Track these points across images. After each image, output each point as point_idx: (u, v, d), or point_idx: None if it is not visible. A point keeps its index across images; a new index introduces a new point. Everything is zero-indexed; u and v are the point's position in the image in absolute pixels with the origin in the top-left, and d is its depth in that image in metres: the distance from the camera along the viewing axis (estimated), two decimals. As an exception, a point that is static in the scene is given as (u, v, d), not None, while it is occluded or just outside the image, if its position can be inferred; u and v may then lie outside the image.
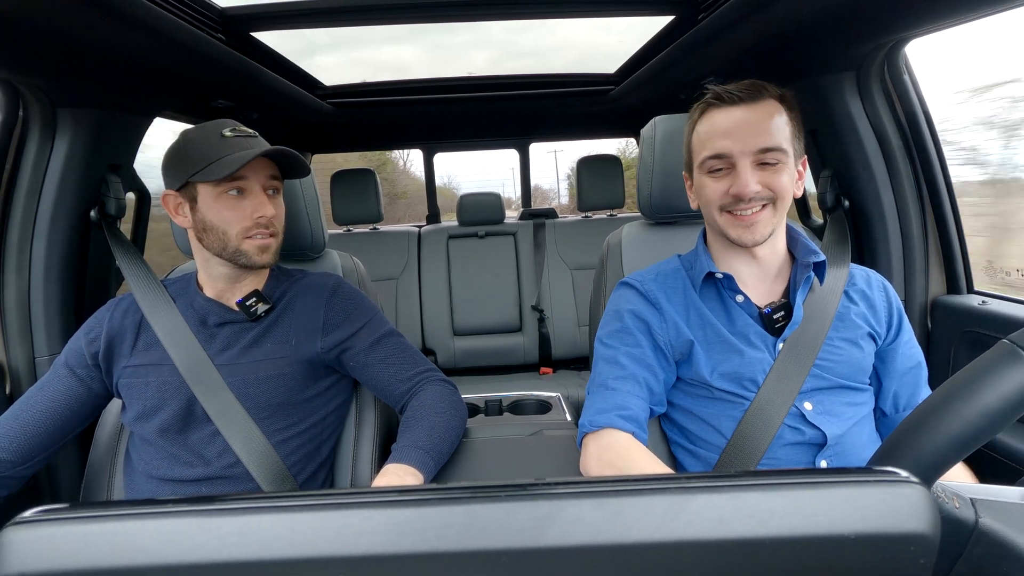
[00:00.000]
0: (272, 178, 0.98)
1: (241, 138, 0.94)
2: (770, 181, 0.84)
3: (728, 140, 0.85)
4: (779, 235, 0.93)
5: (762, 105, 0.86)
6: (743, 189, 0.84)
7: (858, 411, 0.89)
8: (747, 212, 0.85)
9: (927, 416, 0.41)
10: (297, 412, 1.00)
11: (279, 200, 1.01)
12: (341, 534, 0.30)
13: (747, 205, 0.85)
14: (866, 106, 1.39)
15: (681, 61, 1.70)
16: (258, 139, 0.97)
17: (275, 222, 0.98)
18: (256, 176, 0.95)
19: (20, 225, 1.22)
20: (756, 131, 0.84)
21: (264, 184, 0.97)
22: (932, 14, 1.09)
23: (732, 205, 0.86)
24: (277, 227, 0.99)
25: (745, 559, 0.30)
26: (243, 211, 0.95)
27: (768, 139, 0.84)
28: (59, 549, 0.29)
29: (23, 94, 1.17)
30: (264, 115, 2.02)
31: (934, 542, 0.30)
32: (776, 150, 0.84)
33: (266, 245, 0.97)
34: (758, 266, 0.93)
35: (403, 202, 12.66)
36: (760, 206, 0.85)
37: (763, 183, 0.84)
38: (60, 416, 0.96)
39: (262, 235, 0.96)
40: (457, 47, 1.92)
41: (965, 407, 0.40)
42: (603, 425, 0.86)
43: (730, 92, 0.86)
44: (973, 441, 0.40)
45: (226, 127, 0.95)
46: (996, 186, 2.05)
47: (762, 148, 0.84)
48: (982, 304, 1.27)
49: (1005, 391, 0.39)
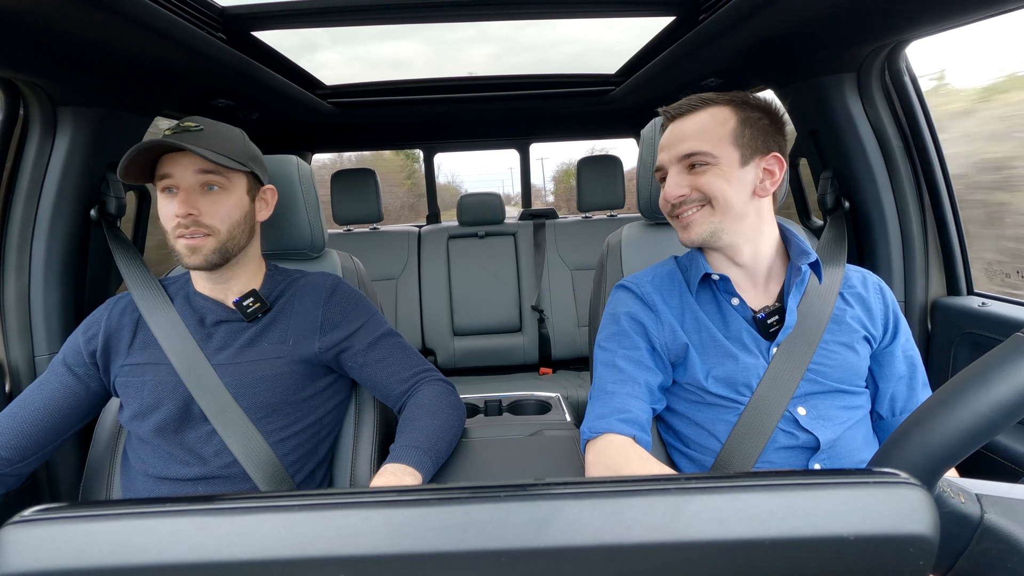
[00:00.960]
0: (205, 172, 0.92)
1: (177, 133, 0.90)
2: (697, 183, 0.89)
3: (662, 152, 0.94)
4: (760, 238, 0.92)
5: (700, 114, 0.90)
6: (666, 192, 0.92)
7: (853, 415, 0.89)
8: (684, 214, 0.91)
9: (937, 408, 0.41)
10: (295, 412, 1.00)
11: (218, 196, 0.94)
12: (339, 534, 0.30)
13: (681, 208, 0.91)
14: (866, 107, 1.39)
15: (682, 62, 1.70)
16: (196, 134, 0.91)
17: (205, 220, 0.92)
18: (183, 174, 0.91)
19: (20, 224, 1.22)
20: (681, 139, 0.90)
21: (193, 181, 0.92)
22: (933, 16, 1.09)
23: (672, 210, 0.93)
24: (210, 225, 0.92)
25: (744, 560, 0.30)
26: (171, 210, 0.92)
27: (690, 145, 0.89)
28: (58, 548, 0.29)
29: (23, 92, 1.17)
30: (264, 114, 2.03)
31: (933, 544, 0.30)
32: (699, 154, 0.88)
33: (194, 246, 0.92)
34: (745, 269, 0.93)
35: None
36: (695, 207, 0.90)
37: (691, 185, 0.89)
38: (58, 414, 0.96)
39: (188, 235, 0.92)
40: (458, 43, 1.92)
41: (977, 399, 0.39)
42: (603, 431, 0.86)
43: (668, 110, 0.94)
44: (983, 434, 0.39)
45: (170, 127, 0.92)
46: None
47: (683, 154, 0.89)
48: (982, 306, 1.27)
49: (1018, 383, 0.39)
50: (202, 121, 0.94)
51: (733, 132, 0.87)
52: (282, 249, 1.19)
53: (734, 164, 0.87)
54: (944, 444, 0.39)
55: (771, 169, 0.89)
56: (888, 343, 0.93)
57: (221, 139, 0.94)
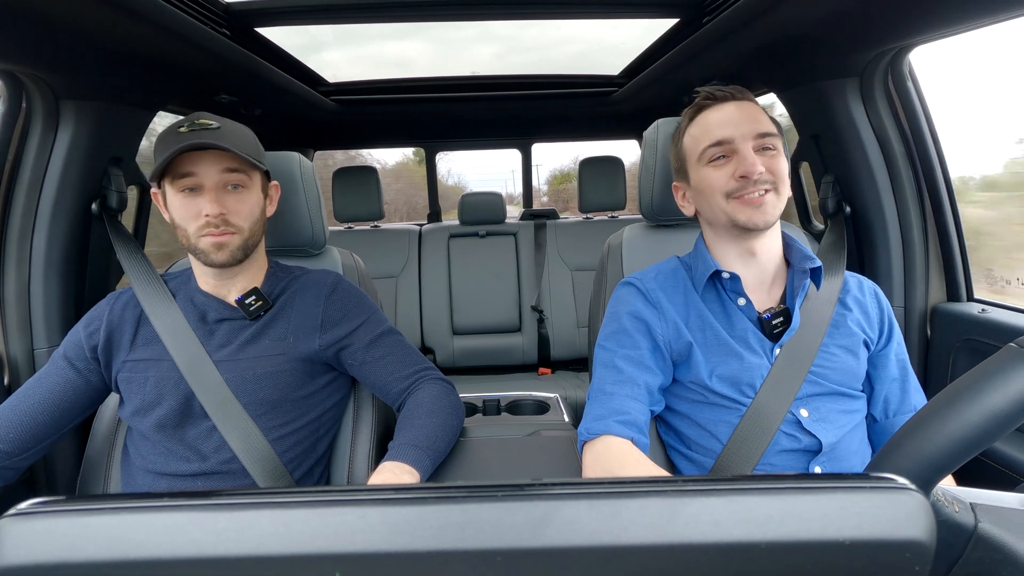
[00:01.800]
0: (230, 171, 0.93)
1: (196, 131, 0.90)
2: (771, 165, 0.87)
3: (729, 128, 0.88)
4: (777, 236, 0.94)
5: (751, 102, 0.91)
6: (751, 167, 0.85)
7: (852, 418, 0.90)
8: (755, 194, 0.86)
9: (931, 417, 0.41)
10: (294, 409, 1.00)
11: (242, 195, 0.95)
12: (337, 531, 0.30)
13: (754, 188, 0.86)
14: (869, 112, 1.39)
15: (685, 64, 1.70)
16: (216, 132, 0.92)
17: (232, 219, 0.93)
18: (207, 172, 0.91)
19: (21, 217, 1.22)
20: (752, 119, 0.88)
21: (218, 180, 0.92)
22: (936, 21, 1.09)
23: (740, 189, 0.87)
24: (237, 224, 0.94)
25: (740, 563, 0.30)
26: (196, 209, 0.92)
27: (765, 125, 0.88)
28: (54, 541, 0.29)
29: (26, 85, 1.17)
30: (267, 111, 2.03)
31: (929, 549, 0.30)
32: (772, 135, 0.88)
33: (221, 243, 0.93)
34: (758, 266, 0.93)
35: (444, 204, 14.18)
36: (764, 190, 0.87)
37: (765, 166, 0.86)
38: (57, 408, 0.96)
39: (214, 233, 0.92)
40: (461, 42, 1.92)
41: (970, 409, 0.39)
42: (600, 432, 0.85)
43: (721, 90, 0.92)
44: (977, 444, 0.40)
45: (185, 123, 0.92)
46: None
47: (761, 132, 0.87)
48: (982, 312, 1.27)
49: (1012, 393, 0.39)
50: (215, 118, 0.94)
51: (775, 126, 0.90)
52: (283, 246, 1.19)
53: (784, 156, 0.90)
54: (938, 453, 0.39)
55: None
56: (883, 346, 0.94)
57: (238, 136, 0.95)
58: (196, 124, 0.91)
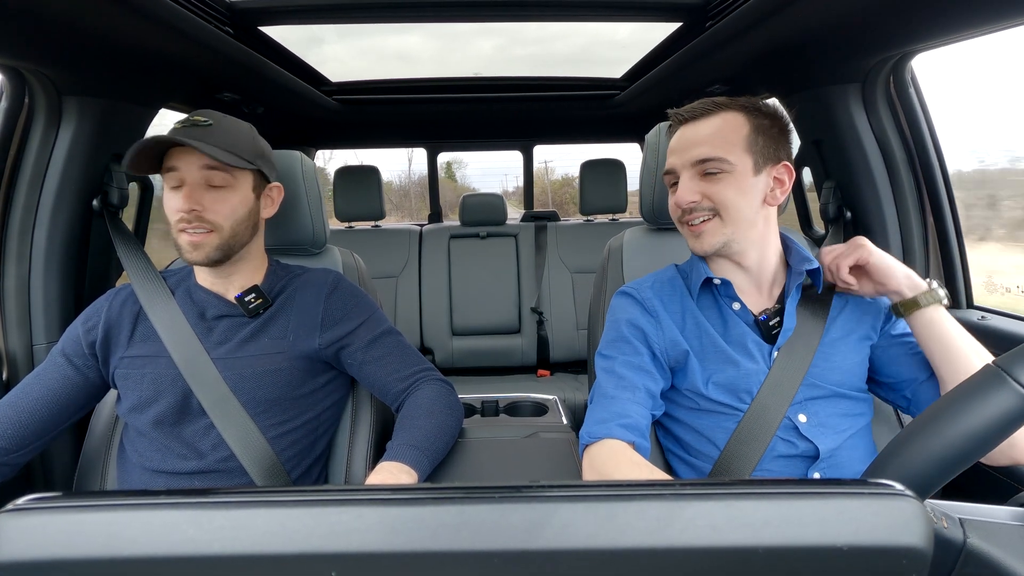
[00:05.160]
0: (210, 169, 0.91)
1: (186, 128, 0.90)
2: (710, 191, 0.87)
3: (673, 156, 0.91)
4: (767, 244, 0.92)
5: (712, 119, 0.89)
6: (679, 198, 0.89)
7: (854, 423, 0.89)
8: (695, 222, 0.89)
9: (915, 436, 0.41)
10: (293, 408, 0.99)
11: (223, 194, 0.93)
12: (333, 530, 0.30)
13: (692, 216, 0.89)
14: (871, 118, 1.39)
15: (687, 68, 1.70)
16: (205, 129, 0.90)
17: (208, 216, 0.91)
18: (188, 168, 0.90)
19: (22, 213, 1.22)
20: (695, 144, 0.88)
21: (198, 176, 0.91)
22: (939, 28, 1.09)
23: (683, 216, 0.91)
24: (213, 221, 0.92)
25: (737, 567, 0.30)
26: (175, 204, 0.91)
27: (705, 151, 0.87)
28: (50, 537, 0.29)
29: (29, 81, 1.17)
30: (269, 109, 2.03)
31: (927, 555, 0.30)
32: (714, 160, 0.86)
33: (196, 242, 0.91)
34: (749, 272, 0.93)
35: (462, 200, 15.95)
36: (706, 216, 0.88)
37: (703, 193, 0.87)
38: (55, 404, 0.95)
39: (190, 231, 0.91)
40: (463, 36, 1.93)
41: (949, 429, 0.40)
42: (601, 436, 0.85)
43: (680, 113, 0.92)
44: (958, 464, 0.40)
45: (180, 119, 0.92)
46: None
47: (698, 159, 0.87)
48: (982, 319, 1.27)
49: (989, 415, 0.39)
50: (212, 115, 0.93)
51: (747, 139, 0.87)
52: (284, 244, 1.19)
53: (748, 172, 0.87)
54: (919, 474, 0.40)
55: (781, 178, 0.90)
56: (889, 327, 0.92)
57: (229, 135, 0.94)
58: (189, 121, 0.91)
